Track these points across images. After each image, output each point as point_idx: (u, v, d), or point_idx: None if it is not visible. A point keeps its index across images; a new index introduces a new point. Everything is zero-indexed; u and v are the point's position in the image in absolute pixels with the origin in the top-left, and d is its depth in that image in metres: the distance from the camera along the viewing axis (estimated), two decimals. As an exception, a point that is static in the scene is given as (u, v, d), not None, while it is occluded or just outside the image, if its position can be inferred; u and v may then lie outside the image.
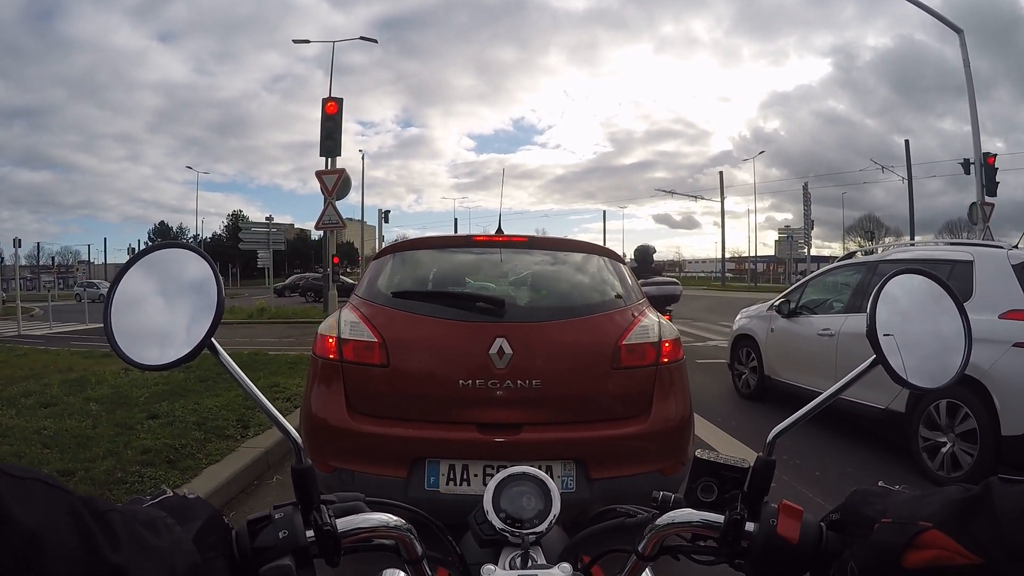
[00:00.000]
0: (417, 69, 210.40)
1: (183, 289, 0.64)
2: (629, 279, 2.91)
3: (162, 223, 74.52)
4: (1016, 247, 4.04)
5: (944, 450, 3.80)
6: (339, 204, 12.27)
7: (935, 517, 0.49)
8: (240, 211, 74.12)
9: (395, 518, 0.64)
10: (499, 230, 3.16)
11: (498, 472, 0.76)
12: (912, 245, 6.28)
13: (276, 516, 0.59)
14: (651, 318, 2.66)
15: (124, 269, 0.64)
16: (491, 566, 0.66)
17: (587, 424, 2.45)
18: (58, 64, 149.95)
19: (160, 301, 0.64)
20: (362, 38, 20.22)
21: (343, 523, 0.61)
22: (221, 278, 0.65)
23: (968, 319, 0.68)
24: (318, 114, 13.53)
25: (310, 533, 0.59)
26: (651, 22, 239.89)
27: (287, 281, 38.76)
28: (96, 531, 0.39)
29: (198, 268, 0.64)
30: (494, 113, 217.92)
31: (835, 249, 62.10)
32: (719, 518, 0.63)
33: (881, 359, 0.64)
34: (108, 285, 0.66)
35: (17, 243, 20.30)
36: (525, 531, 0.71)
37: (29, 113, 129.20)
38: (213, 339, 0.62)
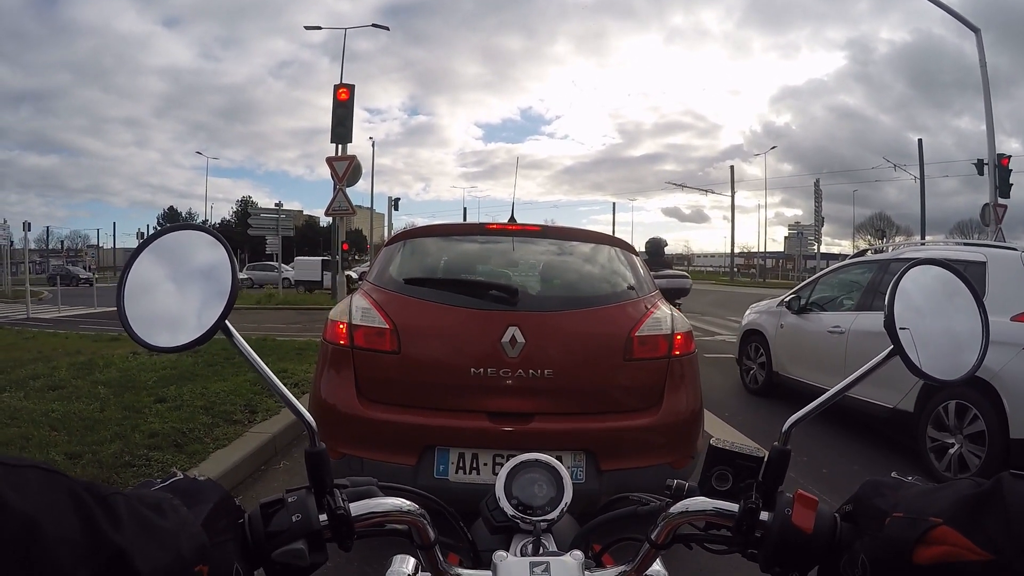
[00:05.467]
0: (424, 56, 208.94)
1: (196, 271, 0.63)
2: (641, 270, 2.89)
3: (171, 208, 74.41)
4: None
5: (952, 451, 3.78)
6: (347, 191, 12.28)
7: (946, 512, 0.49)
8: (249, 197, 74.20)
9: (408, 503, 0.64)
10: (512, 218, 3.14)
11: (508, 461, 0.76)
12: (922, 245, 6.23)
13: (289, 500, 0.59)
14: (664, 310, 2.64)
15: (137, 252, 0.64)
16: (502, 552, 0.66)
17: (598, 415, 2.44)
18: (63, 49, 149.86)
19: (173, 284, 0.63)
20: (374, 25, 20.13)
21: (356, 507, 0.61)
22: (235, 259, 0.64)
23: (986, 312, 0.66)
24: (324, 100, 13.86)
25: (323, 517, 0.59)
26: (660, 12, 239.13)
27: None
28: (97, 513, 0.38)
29: (211, 250, 0.64)
30: (501, 102, 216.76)
31: (845, 247, 61.57)
32: (734, 507, 0.62)
33: (899, 350, 0.63)
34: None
35: (27, 227, 20.54)
36: (537, 518, 0.71)
37: (35, 97, 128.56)
38: (227, 322, 0.61)
